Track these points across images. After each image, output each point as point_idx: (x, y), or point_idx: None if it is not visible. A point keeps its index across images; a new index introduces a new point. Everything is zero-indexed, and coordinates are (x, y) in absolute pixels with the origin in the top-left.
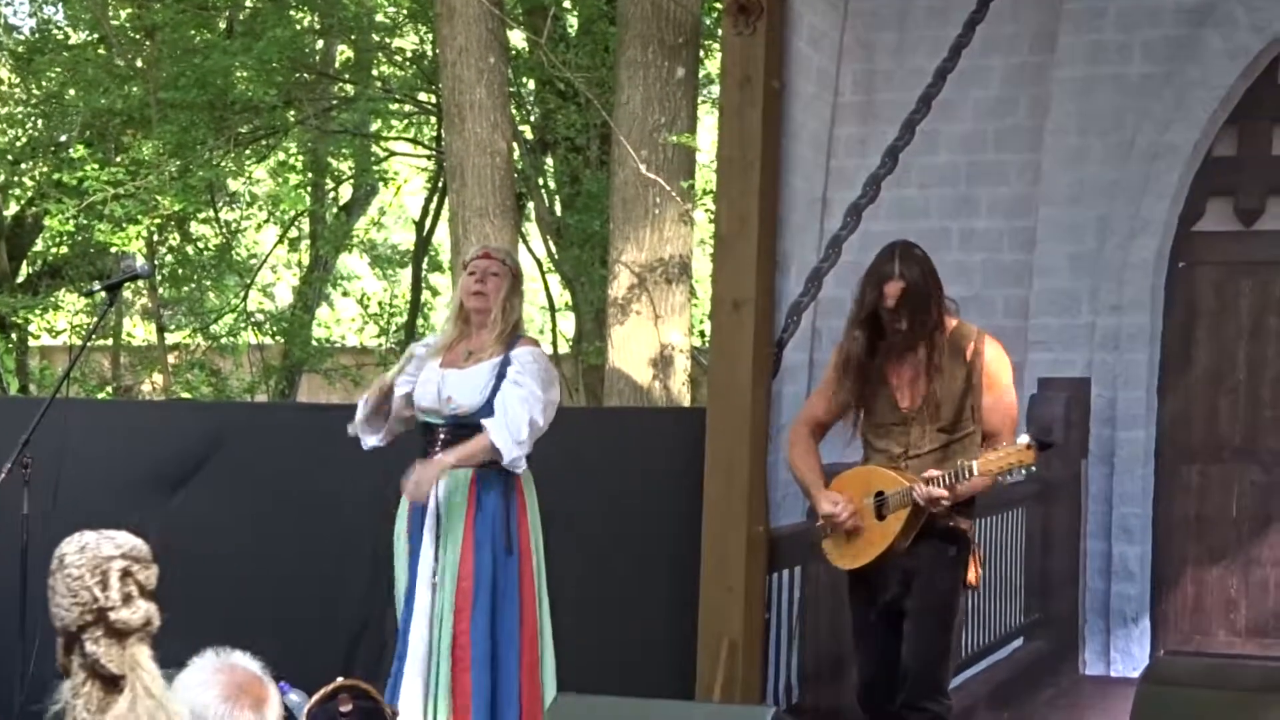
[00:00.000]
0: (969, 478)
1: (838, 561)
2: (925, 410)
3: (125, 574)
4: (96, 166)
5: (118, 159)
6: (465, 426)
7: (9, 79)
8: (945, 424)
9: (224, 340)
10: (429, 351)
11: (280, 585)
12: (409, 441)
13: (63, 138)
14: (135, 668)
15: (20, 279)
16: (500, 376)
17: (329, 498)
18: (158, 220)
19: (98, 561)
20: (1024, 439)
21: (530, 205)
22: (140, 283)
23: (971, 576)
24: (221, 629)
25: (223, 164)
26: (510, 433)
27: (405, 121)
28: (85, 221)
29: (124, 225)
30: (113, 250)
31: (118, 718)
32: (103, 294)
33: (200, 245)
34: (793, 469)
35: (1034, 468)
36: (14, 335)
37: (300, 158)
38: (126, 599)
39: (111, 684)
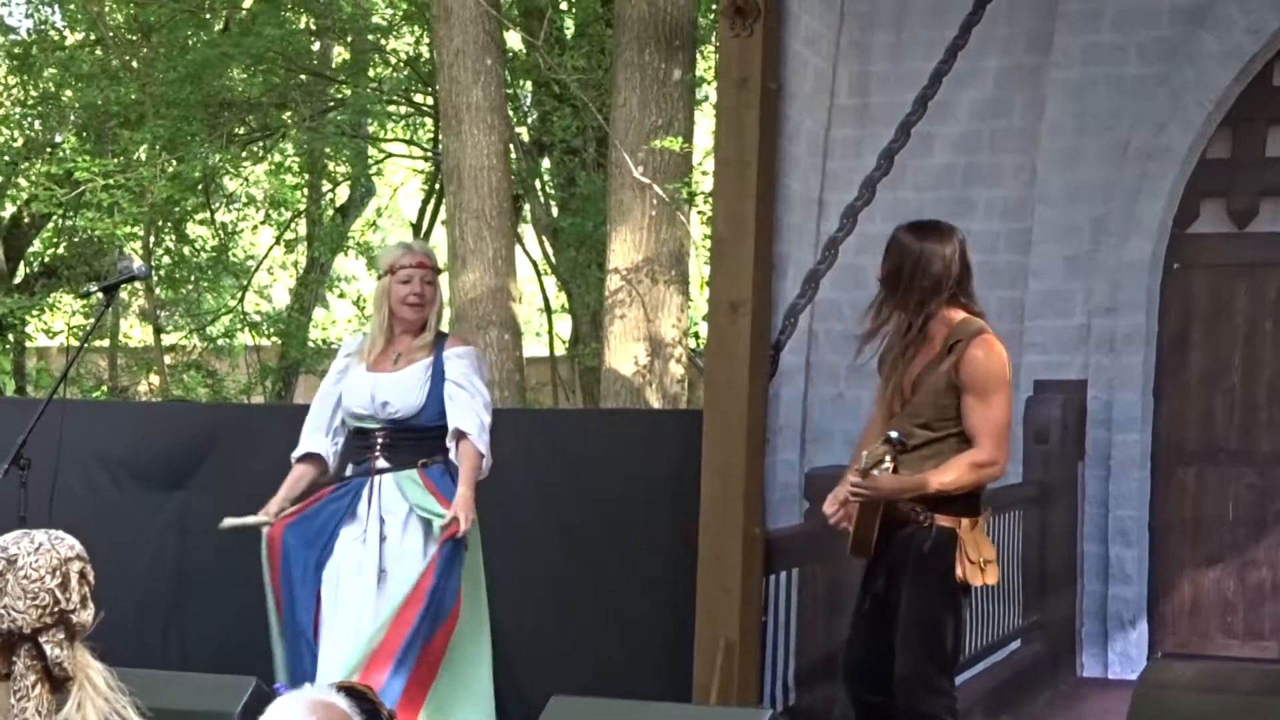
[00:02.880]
0: (862, 471)
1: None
2: (913, 404)
3: (82, 575)
4: (87, 158)
5: (111, 155)
6: (405, 429)
7: (5, 80)
8: (926, 420)
9: (220, 342)
10: (350, 359)
11: None
12: None
13: (58, 138)
14: (85, 667)
15: (17, 280)
16: (438, 376)
17: None
18: (146, 210)
19: (57, 562)
20: (883, 436)
21: (527, 207)
22: (137, 284)
23: (959, 574)
24: (218, 629)
25: (216, 160)
26: (485, 440)
27: (402, 123)
28: (73, 214)
29: (112, 213)
30: (97, 238)
31: (68, 718)
32: (100, 295)
33: (197, 246)
34: None
35: (889, 462)
36: (10, 336)
37: (296, 159)
38: (83, 600)
39: (59, 685)
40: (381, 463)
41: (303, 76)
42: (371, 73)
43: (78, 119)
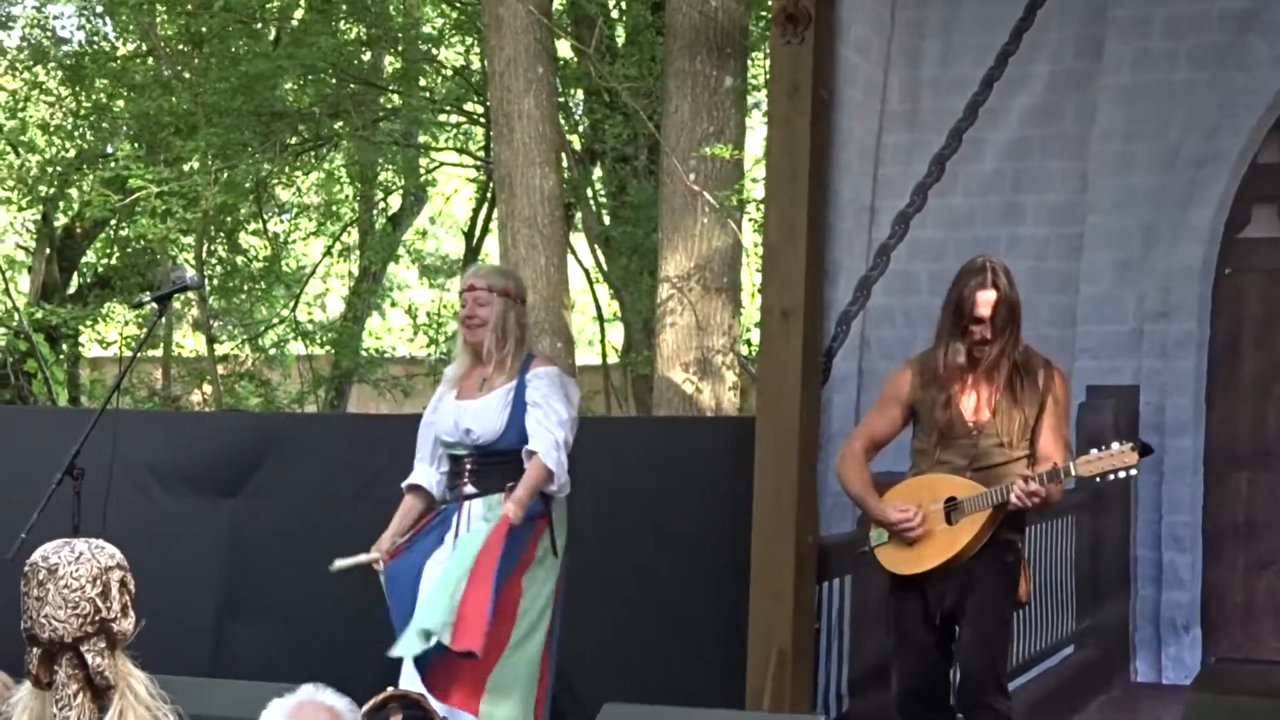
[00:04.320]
0: (1065, 477)
1: (896, 567)
2: (995, 424)
3: (122, 584)
4: (140, 165)
5: (165, 164)
6: (490, 454)
7: (58, 91)
8: (1010, 441)
9: (272, 351)
10: (446, 387)
11: (327, 595)
12: None
13: (110, 149)
14: (126, 676)
15: (71, 290)
16: (520, 401)
17: (377, 508)
18: (201, 215)
19: (97, 571)
20: (1128, 443)
21: (578, 215)
22: (190, 294)
23: (1022, 591)
24: (270, 638)
25: (269, 168)
26: (555, 458)
27: (453, 131)
28: (126, 224)
29: (165, 220)
30: (150, 248)
31: None
32: (153, 305)
33: (249, 256)
34: (843, 482)
35: (1134, 471)
36: (64, 346)
37: (348, 168)
38: (124, 609)
39: (100, 694)
40: (469, 488)
41: (353, 86)
42: (422, 82)
43: (130, 129)
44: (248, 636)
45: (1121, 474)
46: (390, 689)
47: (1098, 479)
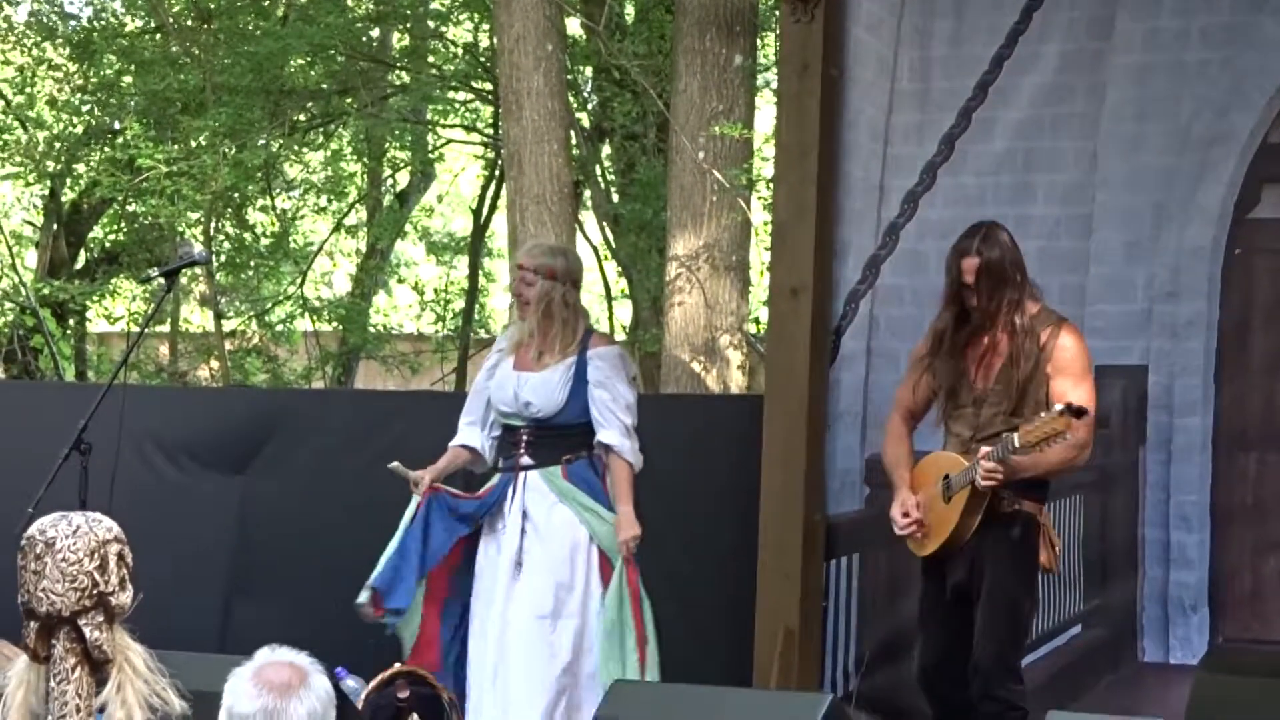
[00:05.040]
0: (1013, 450)
1: (914, 548)
2: (996, 392)
3: (120, 557)
4: (151, 145)
5: (173, 142)
6: (547, 427)
7: (66, 67)
8: (1013, 408)
9: (279, 328)
10: (501, 355)
11: (336, 571)
12: (434, 427)
13: (117, 125)
14: (124, 650)
15: (78, 265)
16: (580, 378)
17: (383, 484)
18: (210, 196)
19: (95, 545)
20: (1058, 407)
21: (587, 193)
22: (198, 270)
23: (1043, 558)
24: (277, 614)
25: (278, 147)
26: (630, 448)
27: (461, 108)
28: (134, 200)
29: (174, 200)
30: (159, 224)
31: (108, 701)
32: (160, 280)
33: (257, 233)
34: (883, 457)
35: (1068, 435)
36: (72, 322)
37: (356, 145)
38: (122, 582)
39: (98, 668)
40: (526, 459)
41: (362, 64)
42: (431, 58)
43: (138, 106)
44: (255, 612)
45: (1057, 440)
46: (397, 665)
47: (1038, 447)
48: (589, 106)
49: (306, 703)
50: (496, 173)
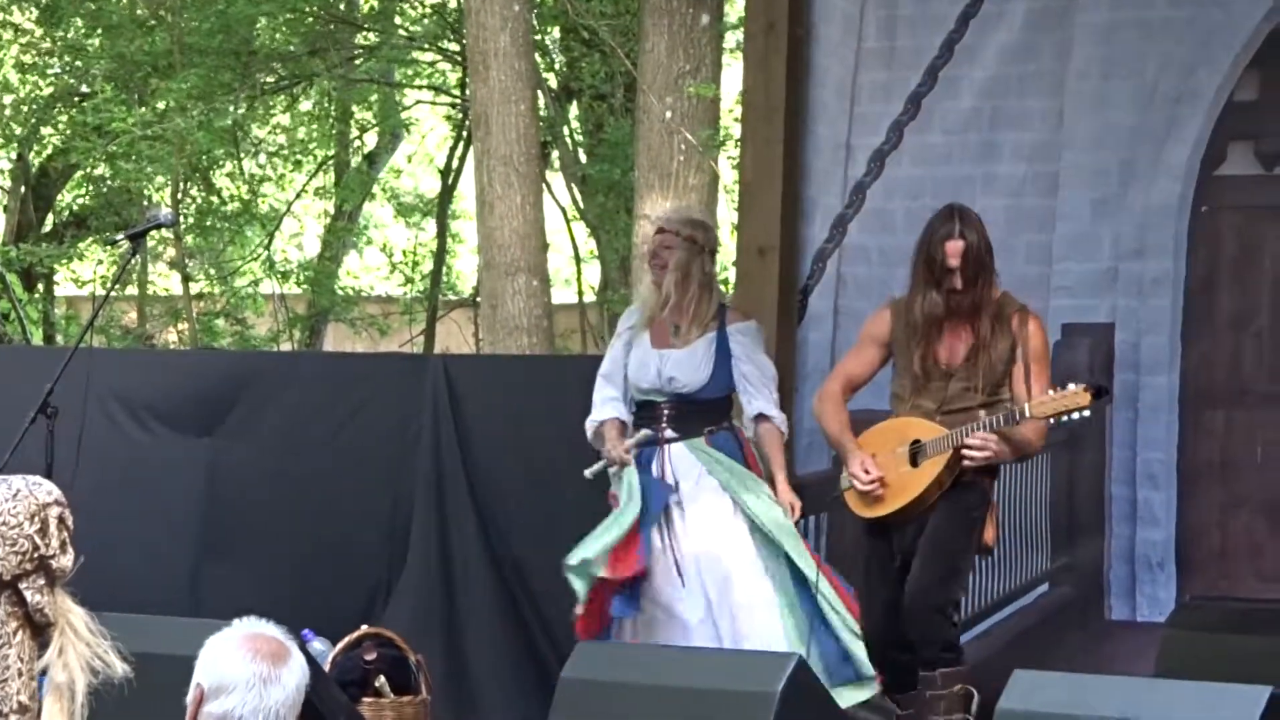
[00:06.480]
0: (1020, 419)
1: (862, 511)
2: (968, 369)
3: (61, 521)
4: (122, 109)
5: (142, 107)
6: (690, 402)
7: (33, 29)
8: (984, 387)
9: (247, 290)
10: (633, 332)
11: (303, 534)
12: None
13: (84, 88)
14: (66, 613)
15: (46, 229)
16: (724, 352)
17: (352, 447)
18: (184, 163)
19: (35, 508)
20: (1071, 386)
21: (555, 154)
22: (166, 233)
23: (989, 536)
24: (247, 577)
25: (246, 109)
26: (780, 418)
27: (430, 69)
28: (103, 163)
29: (143, 164)
30: (129, 190)
31: (50, 664)
32: (126, 243)
33: (225, 196)
34: (821, 422)
35: (1088, 412)
36: (40, 285)
37: (325, 106)
38: (63, 546)
39: (40, 631)
40: (670, 432)
41: (331, 25)
42: (399, 19)
43: (106, 69)
44: (225, 575)
45: (1075, 415)
46: (365, 627)
47: (1053, 421)
48: (556, 67)
49: (295, 674)
50: (464, 134)
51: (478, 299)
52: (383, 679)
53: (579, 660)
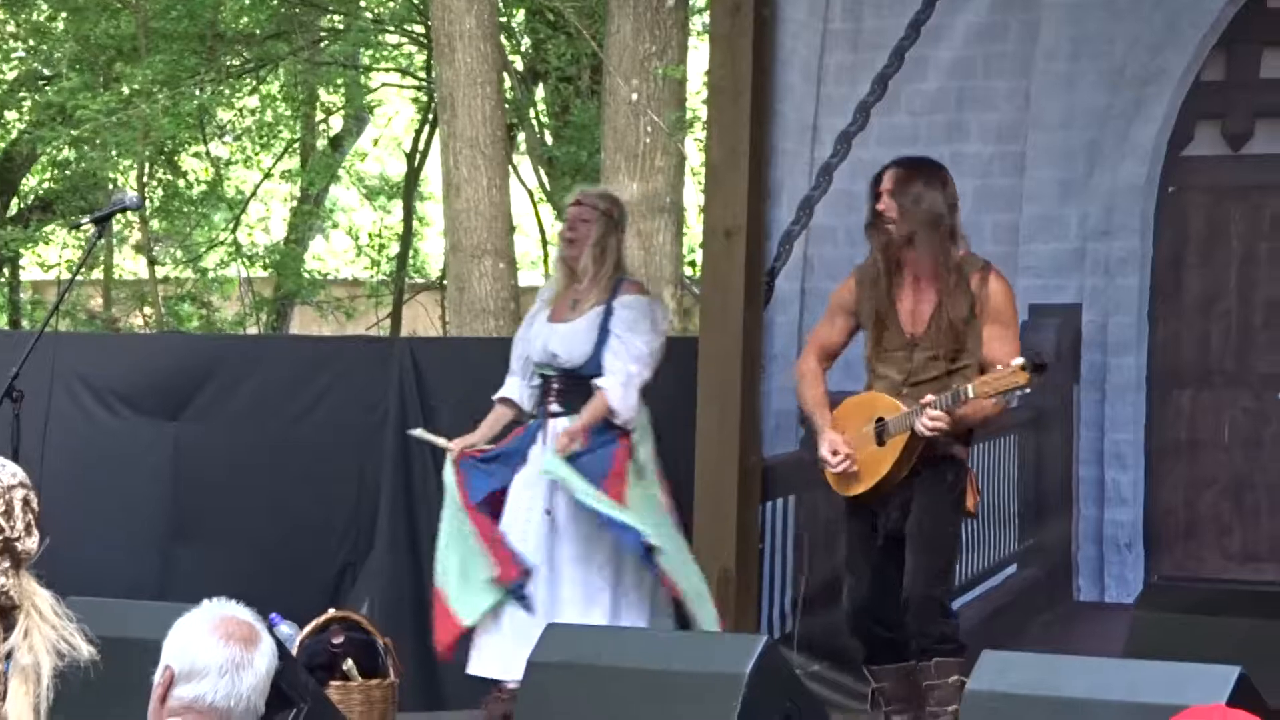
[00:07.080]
0: (965, 400)
1: (839, 488)
2: (929, 336)
3: (25, 503)
4: (87, 94)
5: (105, 88)
6: (576, 377)
7: None
8: (946, 352)
9: (213, 273)
10: (541, 305)
11: (269, 517)
12: (369, 372)
13: (47, 72)
14: (31, 596)
15: (11, 213)
16: (604, 329)
17: (319, 430)
18: (149, 147)
19: (0, 491)
20: (1018, 360)
21: (521, 136)
22: (131, 216)
23: (970, 503)
24: (215, 560)
25: (212, 92)
26: (620, 394)
27: (394, 51)
28: (77, 155)
29: (109, 149)
30: (95, 175)
31: (15, 647)
32: (91, 227)
33: (191, 180)
34: (800, 399)
35: (1028, 389)
36: (5, 270)
37: (289, 91)
38: (28, 528)
39: (4, 614)
40: (555, 406)
41: (296, 8)
42: (364, 2)
43: (70, 52)
44: (192, 559)
45: (1017, 393)
46: (332, 610)
47: (994, 399)
48: (522, 49)
49: (266, 657)
50: (430, 116)
51: (444, 282)
52: (350, 662)
53: (547, 642)
